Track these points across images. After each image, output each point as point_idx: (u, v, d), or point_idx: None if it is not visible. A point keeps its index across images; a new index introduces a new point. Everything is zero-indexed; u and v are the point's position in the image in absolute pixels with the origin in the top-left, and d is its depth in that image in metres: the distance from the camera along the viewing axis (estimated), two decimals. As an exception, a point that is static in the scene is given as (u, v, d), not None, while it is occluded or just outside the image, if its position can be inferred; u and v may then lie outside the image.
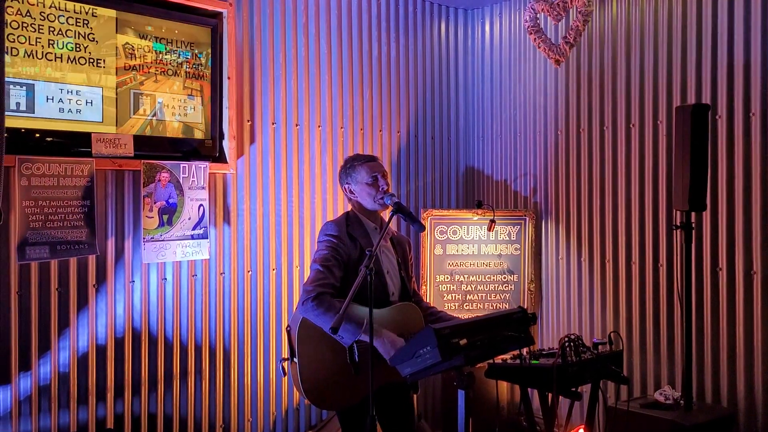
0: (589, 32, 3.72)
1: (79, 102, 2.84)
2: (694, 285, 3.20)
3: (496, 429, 3.56)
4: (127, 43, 2.97)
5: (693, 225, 3.06)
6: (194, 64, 3.20)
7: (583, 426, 2.94)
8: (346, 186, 2.67)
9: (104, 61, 2.91)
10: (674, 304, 3.34)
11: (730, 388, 3.15)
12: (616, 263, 3.62)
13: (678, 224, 3.05)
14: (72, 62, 2.82)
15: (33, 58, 2.72)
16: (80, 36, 2.84)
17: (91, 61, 2.88)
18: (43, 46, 2.75)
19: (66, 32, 2.80)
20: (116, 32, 2.94)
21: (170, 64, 3.12)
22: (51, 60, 2.77)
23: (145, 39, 3.03)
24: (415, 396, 2.70)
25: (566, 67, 3.85)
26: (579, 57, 3.79)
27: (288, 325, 2.54)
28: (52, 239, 2.75)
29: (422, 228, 2.49)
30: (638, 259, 3.52)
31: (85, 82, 2.86)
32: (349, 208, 2.72)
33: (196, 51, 3.21)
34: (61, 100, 2.79)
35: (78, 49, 2.84)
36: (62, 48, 2.80)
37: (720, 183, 3.19)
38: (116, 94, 2.95)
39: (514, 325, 2.38)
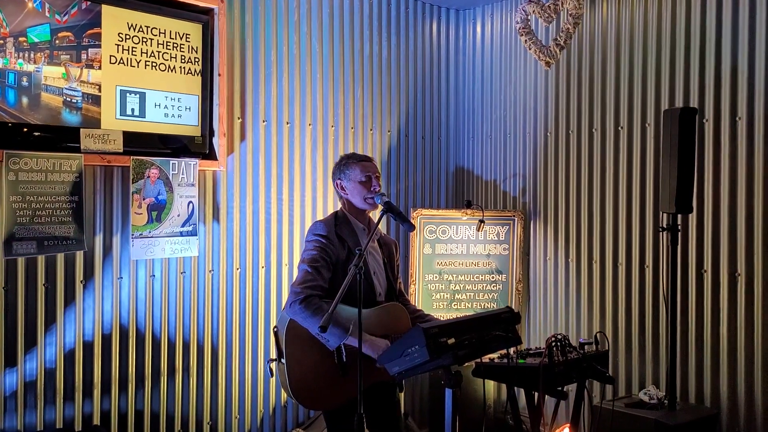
0: (579, 35, 3.75)
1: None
2: (680, 286, 3.23)
3: (483, 428, 3.58)
4: (117, 36, 2.96)
5: (679, 227, 3.09)
6: (185, 60, 3.18)
7: (568, 425, 2.96)
8: (338, 182, 2.66)
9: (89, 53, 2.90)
10: (659, 305, 3.38)
11: (714, 389, 3.19)
12: (603, 264, 3.66)
13: (664, 226, 3.09)
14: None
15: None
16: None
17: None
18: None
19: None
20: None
21: (160, 59, 3.10)
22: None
23: (135, 32, 3.02)
24: (402, 394, 2.71)
25: (556, 69, 3.88)
26: (569, 59, 3.82)
27: (275, 326, 2.54)
28: (39, 235, 2.73)
29: (412, 227, 2.50)
30: (625, 260, 3.55)
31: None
32: (338, 207, 2.72)
33: (187, 47, 3.19)
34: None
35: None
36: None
37: (706, 186, 3.23)
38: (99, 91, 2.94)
39: (502, 325, 2.40)
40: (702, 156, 3.23)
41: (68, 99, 2.83)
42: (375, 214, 2.74)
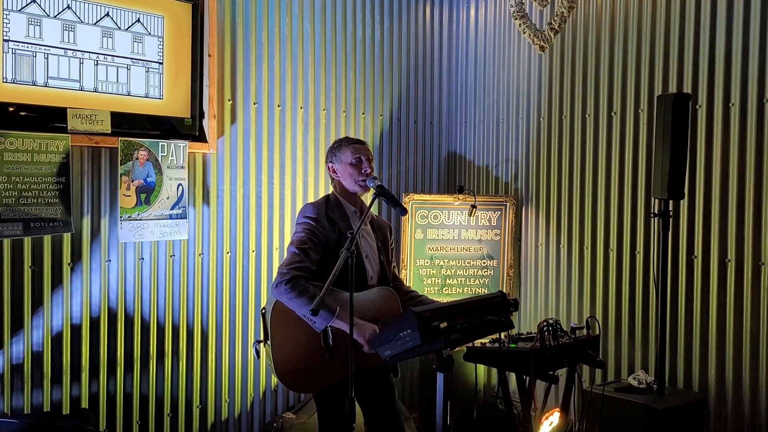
0: (573, 19, 3.72)
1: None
2: (670, 272, 3.24)
3: (474, 412, 3.59)
4: (105, 16, 2.90)
5: (670, 213, 3.09)
6: (174, 40, 3.13)
7: (557, 409, 2.98)
8: (330, 165, 2.66)
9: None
10: (650, 291, 3.39)
11: (702, 374, 3.22)
12: (594, 250, 3.66)
13: (656, 212, 3.09)
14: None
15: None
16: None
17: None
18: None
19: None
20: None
21: (149, 38, 3.05)
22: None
23: (124, 12, 2.96)
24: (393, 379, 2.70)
25: (550, 53, 3.85)
26: (563, 44, 3.79)
27: (263, 308, 2.53)
28: (25, 216, 2.69)
29: (404, 211, 2.49)
30: (616, 245, 3.56)
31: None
32: (331, 190, 2.70)
33: (177, 27, 3.14)
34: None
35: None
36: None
37: (698, 172, 3.23)
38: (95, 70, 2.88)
39: (494, 309, 2.39)
40: (694, 142, 3.23)
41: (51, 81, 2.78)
42: (367, 198, 2.72)
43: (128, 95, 2.99)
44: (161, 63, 3.09)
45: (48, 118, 2.76)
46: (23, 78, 2.69)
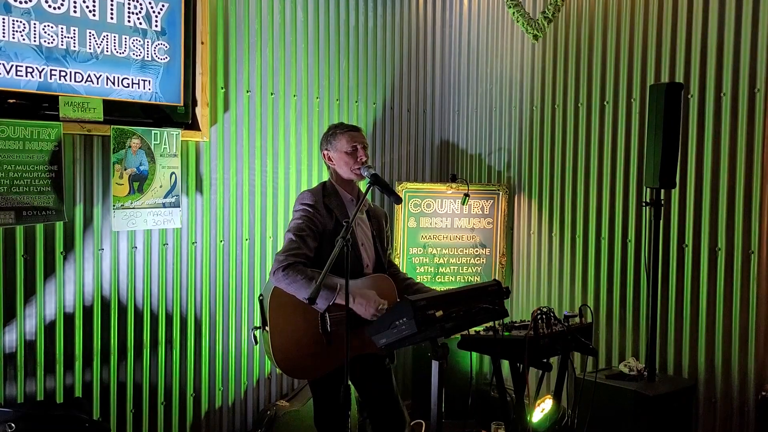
0: (567, 8, 3.72)
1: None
2: (661, 261, 3.28)
3: (469, 399, 3.62)
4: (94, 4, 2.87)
5: (662, 202, 3.12)
6: (166, 27, 3.10)
7: (550, 396, 3.01)
8: (325, 152, 2.65)
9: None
10: (641, 279, 3.42)
11: (692, 361, 3.26)
12: (586, 238, 3.69)
13: (647, 201, 3.11)
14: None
15: None
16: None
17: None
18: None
19: None
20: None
21: (141, 25, 3.02)
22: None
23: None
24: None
25: (543, 42, 3.85)
26: (556, 33, 3.79)
27: (261, 294, 2.53)
28: (17, 204, 2.67)
29: (399, 200, 2.50)
30: (608, 234, 3.58)
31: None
32: (326, 177, 2.70)
33: (169, 14, 3.10)
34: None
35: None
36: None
37: (689, 161, 3.26)
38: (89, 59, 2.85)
39: (488, 298, 2.41)
40: (686, 132, 3.25)
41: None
42: (361, 187, 2.73)
43: (127, 88, 2.97)
44: (161, 59, 3.06)
45: (39, 106, 2.73)
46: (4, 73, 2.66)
